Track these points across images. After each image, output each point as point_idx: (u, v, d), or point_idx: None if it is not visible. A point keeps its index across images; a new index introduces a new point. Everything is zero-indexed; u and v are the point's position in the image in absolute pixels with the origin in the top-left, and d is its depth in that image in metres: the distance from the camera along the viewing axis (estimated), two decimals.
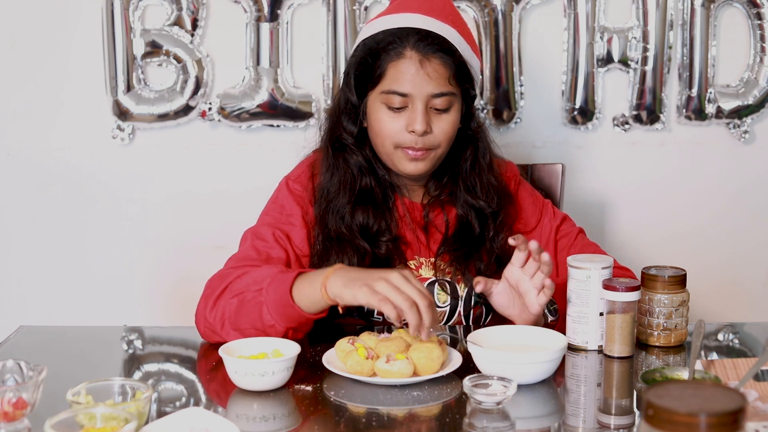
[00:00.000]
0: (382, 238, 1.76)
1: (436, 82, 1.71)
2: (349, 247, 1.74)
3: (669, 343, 1.65)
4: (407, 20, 1.74)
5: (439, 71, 1.71)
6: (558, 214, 1.91)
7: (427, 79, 1.70)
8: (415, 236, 1.82)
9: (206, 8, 2.34)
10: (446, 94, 1.72)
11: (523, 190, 1.93)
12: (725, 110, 2.42)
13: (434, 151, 1.75)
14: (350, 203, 1.77)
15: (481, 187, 1.82)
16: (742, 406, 0.93)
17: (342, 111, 1.80)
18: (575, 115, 2.42)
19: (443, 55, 1.71)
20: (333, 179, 1.78)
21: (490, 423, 1.33)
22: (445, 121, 1.74)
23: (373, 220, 1.77)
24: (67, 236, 2.44)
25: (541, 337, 1.56)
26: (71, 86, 2.37)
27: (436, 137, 1.73)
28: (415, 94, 1.70)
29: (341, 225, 1.75)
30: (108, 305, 2.44)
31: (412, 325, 1.46)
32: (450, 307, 1.79)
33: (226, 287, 1.62)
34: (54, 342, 1.72)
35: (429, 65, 1.70)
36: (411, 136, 1.71)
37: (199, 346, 1.68)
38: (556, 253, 1.86)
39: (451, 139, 1.77)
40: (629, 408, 1.43)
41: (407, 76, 1.70)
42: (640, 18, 2.38)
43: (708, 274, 2.44)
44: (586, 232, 1.92)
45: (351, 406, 1.40)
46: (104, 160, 2.40)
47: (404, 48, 1.71)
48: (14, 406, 1.25)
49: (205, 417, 1.25)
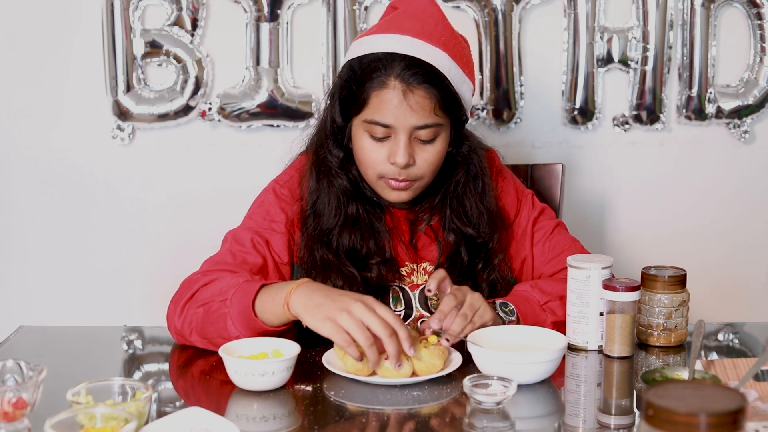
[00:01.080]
0: (371, 261, 1.74)
1: (419, 114, 1.64)
2: (337, 274, 1.71)
3: (669, 343, 1.65)
4: (396, 43, 1.66)
5: (422, 103, 1.64)
6: (537, 206, 1.87)
7: (410, 111, 1.63)
8: (403, 243, 1.80)
9: (206, 8, 2.34)
10: (431, 126, 1.66)
11: (503, 180, 1.87)
12: (725, 110, 2.42)
13: (418, 182, 1.71)
14: (337, 227, 1.73)
15: (471, 213, 1.77)
16: (742, 406, 0.93)
17: (329, 133, 1.76)
18: (575, 115, 2.42)
19: (429, 86, 1.64)
20: (318, 203, 1.75)
21: (490, 423, 1.33)
22: (430, 152, 1.69)
23: (361, 243, 1.73)
24: (67, 236, 2.44)
25: (541, 337, 1.56)
26: (71, 86, 2.37)
27: (420, 168, 1.69)
28: (397, 126, 1.65)
29: (328, 253, 1.72)
30: (108, 305, 2.44)
31: (371, 361, 1.44)
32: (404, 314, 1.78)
33: (193, 295, 1.61)
34: (54, 342, 1.72)
35: (413, 97, 1.63)
36: (393, 167, 1.67)
37: (197, 346, 1.67)
38: (532, 246, 1.84)
39: (435, 169, 1.72)
40: (629, 408, 1.43)
41: (390, 107, 1.64)
42: (640, 18, 2.38)
43: (708, 273, 2.44)
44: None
45: (351, 406, 1.40)
46: (104, 160, 2.40)
47: (388, 77, 1.64)
48: (14, 406, 1.24)
49: (205, 417, 1.24)
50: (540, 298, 1.69)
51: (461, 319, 1.57)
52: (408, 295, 1.78)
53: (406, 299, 1.78)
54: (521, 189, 1.90)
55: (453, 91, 1.68)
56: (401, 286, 1.78)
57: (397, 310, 1.77)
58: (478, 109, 2.40)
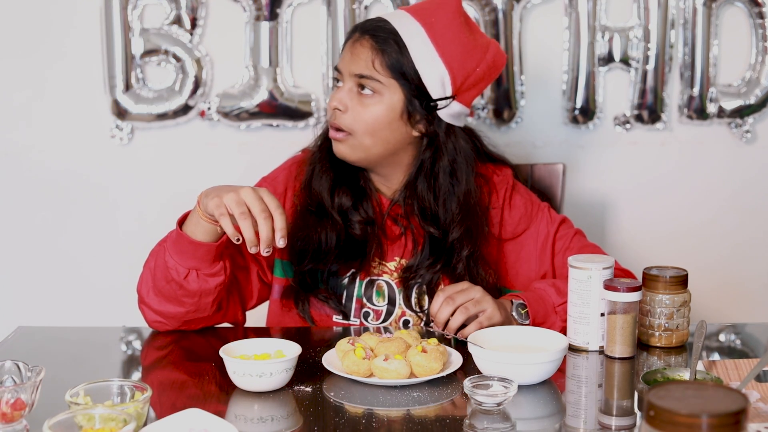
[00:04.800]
0: (354, 218, 1.78)
1: (359, 63, 1.72)
2: (327, 220, 1.77)
3: (670, 344, 1.64)
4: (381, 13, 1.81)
5: (364, 54, 1.72)
6: (555, 218, 1.88)
7: (353, 58, 1.73)
8: (390, 239, 1.82)
9: (205, 7, 2.33)
10: (367, 78, 1.72)
11: (517, 195, 1.88)
12: (727, 110, 2.42)
13: (351, 137, 1.74)
14: (331, 181, 1.79)
15: (436, 207, 1.77)
16: (744, 407, 0.93)
17: None
18: (576, 114, 2.41)
19: (375, 39, 1.72)
20: (315, 160, 1.82)
21: (490, 424, 1.33)
22: (365, 108, 1.73)
23: (350, 202, 1.78)
24: (65, 236, 2.43)
25: (542, 338, 1.55)
26: (69, 85, 2.37)
27: (348, 119, 1.73)
28: (343, 70, 1.75)
29: (323, 191, 1.78)
30: (107, 306, 2.43)
31: (247, 239, 1.49)
32: (386, 310, 1.80)
33: (145, 263, 1.70)
34: (52, 343, 1.72)
35: (359, 45, 1.73)
36: (331, 111, 1.75)
37: (198, 347, 1.67)
38: (553, 257, 1.85)
39: (371, 129, 1.73)
40: (630, 409, 1.42)
41: (344, 54, 1.76)
42: (642, 17, 2.37)
43: (709, 274, 2.44)
44: (586, 231, 1.91)
45: (351, 407, 1.39)
46: (103, 159, 2.40)
47: (355, 30, 1.77)
48: (12, 407, 1.24)
49: (204, 418, 1.24)
50: (555, 300, 1.70)
51: (461, 314, 1.59)
52: (393, 291, 1.78)
53: (390, 295, 1.78)
54: (536, 204, 1.89)
55: (404, 58, 1.71)
56: (387, 280, 1.79)
57: (380, 305, 1.78)
58: (478, 108, 2.39)
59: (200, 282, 1.62)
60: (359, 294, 1.78)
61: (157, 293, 1.66)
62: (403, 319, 1.79)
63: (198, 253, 1.60)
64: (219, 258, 1.63)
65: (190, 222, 1.60)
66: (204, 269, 1.62)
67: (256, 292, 1.80)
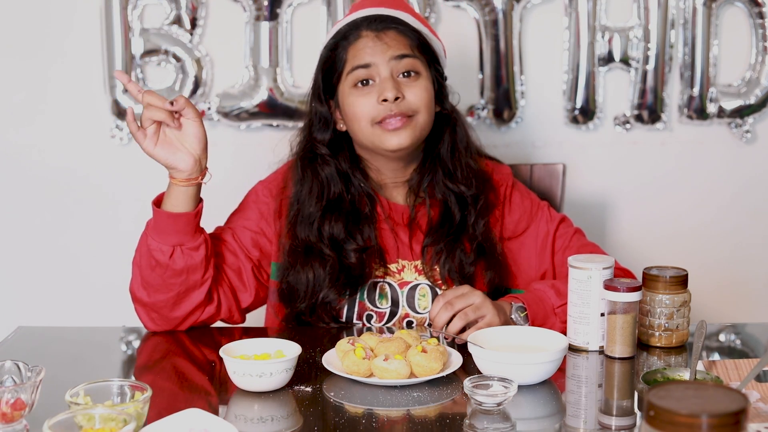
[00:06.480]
0: (348, 246, 1.76)
1: (395, 48, 1.74)
2: (316, 257, 1.75)
3: (670, 344, 1.64)
4: (358, 15, 1.79)
5: (397, 39, 1.75)
6: (555, 217, 1.89)
7: (385, 47, 1.74)
8: (397, 239, 1.81)
9: (205, 7, 2.33)
10: (408, 56, 1.75)
11: (517, 193, 1.89)
12: (727, 110, 2.42)
13: (414, 119, 1.74)
14: (320, 212, 1.77)
15: (461, 171, 1.82)
16: (744, 407, 0.93)
17: (311, 124, 1.82)
18: (576, 114, 2.41)
19: (398, 27, 1.77)
20: (302, 190, 1.80)
21: (490, 424, 1.33)
22: (417, 86, 1.75)
23: (343, 232, 1.76)
24: (65, 236, 2.43)
25: (542, 338, 1.55)
26: (69, 85, 2.37)
27: (411, 102, 1.74)
28: (377, 62, 1.74)
29: (310, 233, 1.76)
30: (107, 306, 2.43)
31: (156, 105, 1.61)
32: (389, 312, 1.79)
33: (132, 262, 1.72)
34: (52, 343, 1.72)
35: (386, 36, 1.75)
36: (384, 105, 1.72)
37: (198, 347, 1.67)
38: (553, 255, 1.85)
39: (428, 107, 1.76)
40: (630, 409, 1.42)
41: (366, 50, 1.74)
42: (642, 17, 2.37)
43: (709, 274, 2.44)
44: (586, 231, 1.91)
45: (351, 407, 1.39)
46: (103, 159, 2.40)
47: (360, 31, 1.76)
48: (12, 407, 1.24)
49: (204, 418, 1.24)
50: (555, 301, 1.70)
51: (460, 319, 1.59)
52: (396, 293, 1.78)
53: (393, 296, 1.78)
54: (536, 201, 1.91)
55: (424, 40, 1.79)
56: (389, 282, 1.78)
57: (383, 307, 1.78)
58: (478, 108, 2.39)
59: (185, 258, 1.64)
60: (362, 298, 1.78)
61: (145, 285, 1.67)
62: (406, 320, 1.79)
63: (178, 226, 1.62)
64: (199, 230, 1.66)
65: (166, 198, 1.64)
66: (187, 243, 1.64)
67: (253, 289, 1.79)
